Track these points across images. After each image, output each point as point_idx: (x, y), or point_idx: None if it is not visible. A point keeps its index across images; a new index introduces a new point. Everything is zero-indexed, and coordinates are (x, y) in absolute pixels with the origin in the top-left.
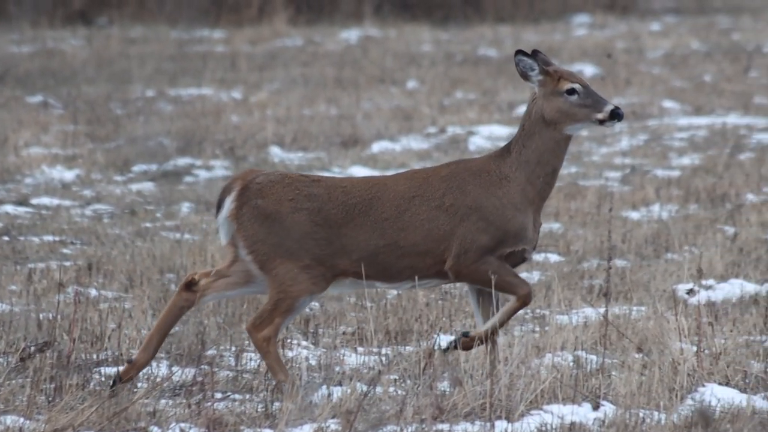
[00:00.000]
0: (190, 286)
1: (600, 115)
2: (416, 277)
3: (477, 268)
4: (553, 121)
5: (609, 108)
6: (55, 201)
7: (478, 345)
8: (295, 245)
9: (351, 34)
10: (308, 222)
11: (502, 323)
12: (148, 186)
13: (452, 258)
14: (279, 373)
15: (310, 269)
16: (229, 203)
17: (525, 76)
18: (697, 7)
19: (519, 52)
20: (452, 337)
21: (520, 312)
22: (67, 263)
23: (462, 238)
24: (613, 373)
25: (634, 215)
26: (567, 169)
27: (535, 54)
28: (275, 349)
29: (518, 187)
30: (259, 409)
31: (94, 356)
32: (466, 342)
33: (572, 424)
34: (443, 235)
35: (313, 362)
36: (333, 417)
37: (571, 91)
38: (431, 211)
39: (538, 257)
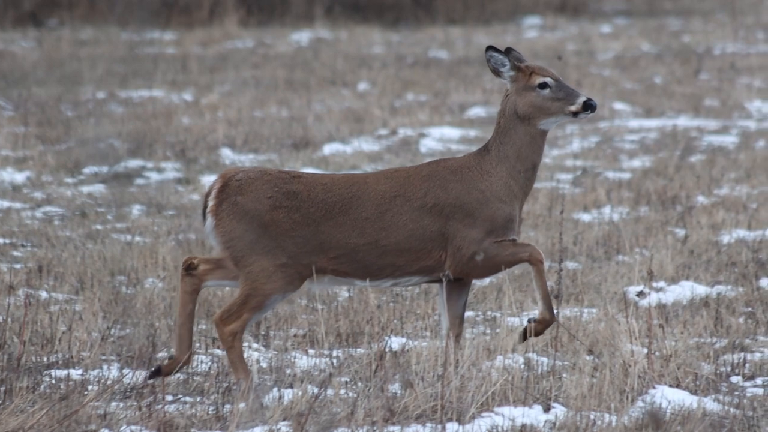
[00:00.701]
0: (189, 269)
1: (573, 107)
2: (398, 275)
3: (476, 261)
4: (527, 115)
5: (582, 100)
6: (6, 203)
7: (545, 329)
8: (272, 243)
9: (302, 36)
10: (287, 220)
11: (546, 293)
12: (98, 188)
13: (449, 258)
14: (239, 371)
15: (286, 268)
16: (209, 200)
17: (496, 72)
18: (647, 9)
19: (490, 48)
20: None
21: (471, 314)
22: (18, 266)
23: (453, 237)
24: (564, 375)
25: (585, 217)
26: None
27: (508, 51)
28: (240, 345)
29: (501, 181)
30: (210, 412)
31: (45, 359)
32: (537, 327)
33: (523, 426)
34: (429, 235)
35: (264, 365)
36: (284, 419)
37: (543, 85)
38: (414, 211)
39: None
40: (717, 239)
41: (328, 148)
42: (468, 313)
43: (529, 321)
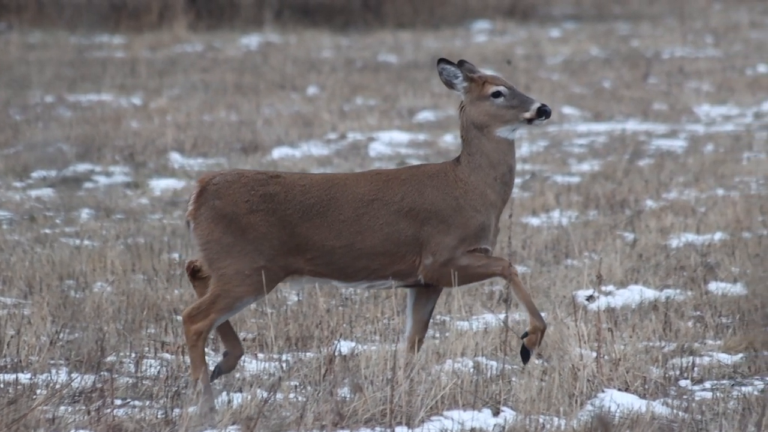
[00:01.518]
0: (195, 274)
1: (527, 114)
2: (372, 278)
3: (448, 269)
4: (483, 125)
5: (536, 106)
6: None
7: (541, 337)
8: (249, 246)
9: (251, 40)
10: (263, 223)
11: (529, 303)
12: (47, 192)
13: (422, 264)
14: (197, 370)
15: (264, 271)
16: (189, 205)
17: (449, 85)
18: (596, 13)
19: (442, 60)
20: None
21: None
22: None
23: (427, 242)
24: (513, 378)
25: (534, 221)
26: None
27: (461, 64)
28: (203, 346)
29: (476, 190)
30: (159, 416)
31: None
32: (532, 338)
33: (472, 430)
34: (404, 239)
35: (213, 368)
36: (233, 423)
37: (497, 94)
38: (390, 215)
39: None
40: (666, 243)
41: (277, 153)
42: None
43: (521, 338)
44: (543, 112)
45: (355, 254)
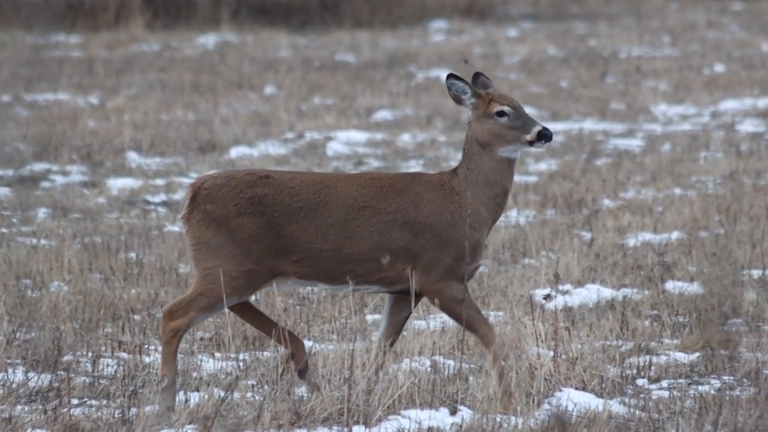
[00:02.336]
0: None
1: (528, 137)
2: (357, 283)
3: (442, 290)
4: (486, 143)
5: (536, 129)
6: None
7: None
8: (237, 249)
9: (208, 39)
10: (251, 225)
11: (499, 377)
12: (4, 191)
13: (418, 274)
14: (166, 367)
15: (251, 273)
16: (183, 209)
17: (458, 100)
18: (553, 13)
19: (451, 75)
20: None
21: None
22: None
23: (420, 255)
24: (471, 378)
25: None
26: None
27: (476, 76)
28: (177, 344)
29: (471, 206)
30: (116, 415)
31: None
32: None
33: (430, 429)
34: (395, 249)
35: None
36: (190, 423)
37: (501, 113)
38: (383, 224)
39: None
40: (623, 242)
41: (235, 152)
42: (375, 317)
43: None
44: (543, 136)
45: (341, 258)
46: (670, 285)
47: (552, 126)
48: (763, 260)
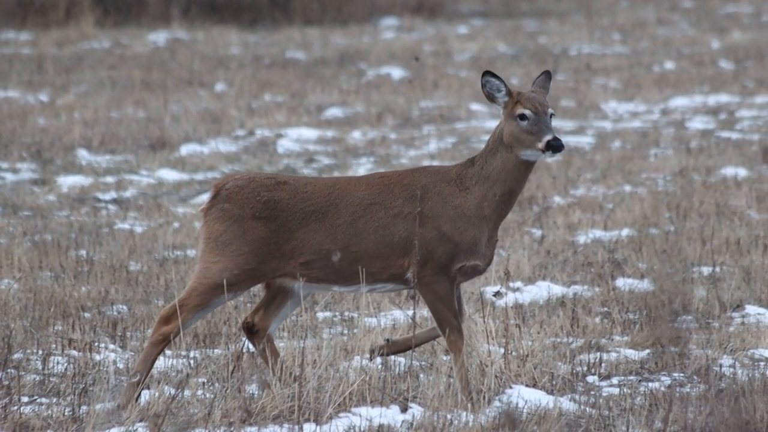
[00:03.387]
0: (251, 330)
1: (540, 145)
2: (371, 282)
3: (431, 285)
4: (508, 143)
5: (546, 139)
6: None
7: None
8: (245, 248)
9: (159, 37)
10: (264, 228)
11: (461, 381)
12: None
13: (418, 266)
14: (142, 365)
15: (250, 272)
16: (205, 203)
17: (491, 98)
18: (503, 10)
19: (487, 73)
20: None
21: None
22: None
23: (420, 246)
24: (421, 375)
25: None
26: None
27: (548, 74)
28: (162, 349)
29: (474, 201)
30: (66, 413)
31: None
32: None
33: (380, 426)
34: (396, 241)
35: (120, 365)
36: (141, 420)
37: (522, 117)
38: (388, 218)
39: None
40: (573, 239)
41: (185, 149)
42: (325, 314)
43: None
44: (550, 146)
45: (351, 257)
46: (621, 282)
47: None
48: (713, 257)
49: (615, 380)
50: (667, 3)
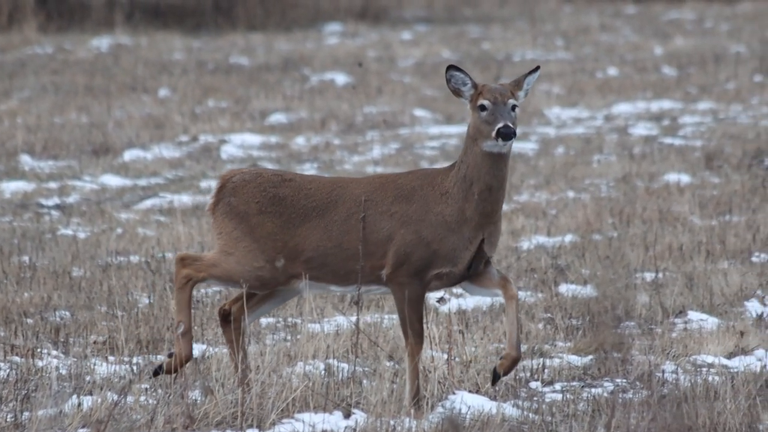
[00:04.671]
0: (226, 317)
1: (493, 133)
2: (365, 282)
3: (403, 286)
4: (473, 136)
5: (497, 126)
6: None
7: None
8: (254, 244)
9: (102, 42)
10: (269, 223)
11: (412, 380)
12: None
13: (390, 266)
14: (181, 314)
15: (259, 270)
16: (210, 198)
17: (457, 92)
18: (447, 16)
19: (451, 67)
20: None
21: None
22: None
23: (397, 246)
24: (365, 381)
25: None
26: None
27: (535, 69)
28: (190, 291)
29: (456, 205)
30: (8, 419)
31: None
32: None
33: None
34: (381, 239)
35: (63, 371)
36: (83, 426)
37: (482, 107)
38: (376, 215)
39: None
40: (517, 245)
41: (129, 155)
42: (269, 320)
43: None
44: (499, 134)
45: (344, 255)
46: (564, 288)
47: (446, 129)
48: (656, 263)
49: (558, 386)
50: (611, 9)
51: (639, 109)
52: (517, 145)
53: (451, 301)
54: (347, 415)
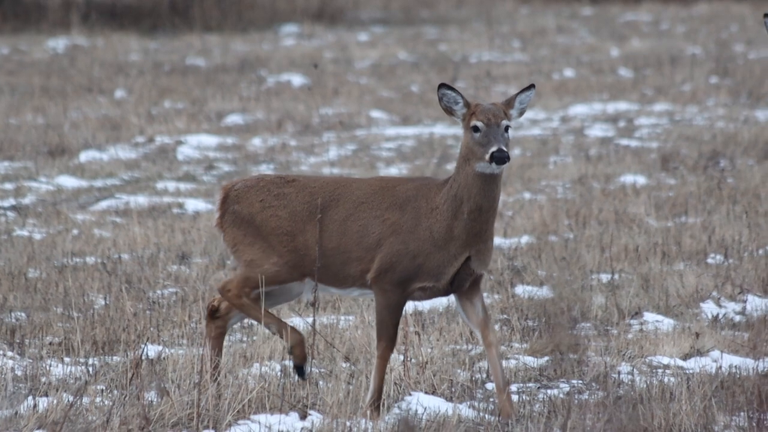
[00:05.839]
0: (213, 314)
1: (486, 156)
2: (359, 285)
3: (386, 293)
4: (465, 156)
5: (491, 150)
6: None
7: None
8: (265, 243)
9: (58, 43)
10: (274, 218)
11: (379, 383)
12: None
13: (374, 271)
14: (266, 319)
15: (275, 267)
16: (215, 213)
17: (449, 111)
18: (404, 17)
19: (443, 85)
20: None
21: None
22: None
23: (384, 254)
24: (321, 382)
25: None
26: None
27: (530, 87)
28: (249, 301)
29: (444, 223)
30: None
31: None
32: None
33: None
34: (371, 243)
35: (18, 372)
36: (39, 428)
37: (475, 129)
38: (370, 219)
39: None
40: None
41: (85, 156)
42: None
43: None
44: (493, 158)
45: (342, 258)
46: (520, 289)
47: (403, 131)
48: (612, 264)
49: (514, 387)
50: (567, 11)
51: (595, 110)
52: None
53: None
54: (303, 416)
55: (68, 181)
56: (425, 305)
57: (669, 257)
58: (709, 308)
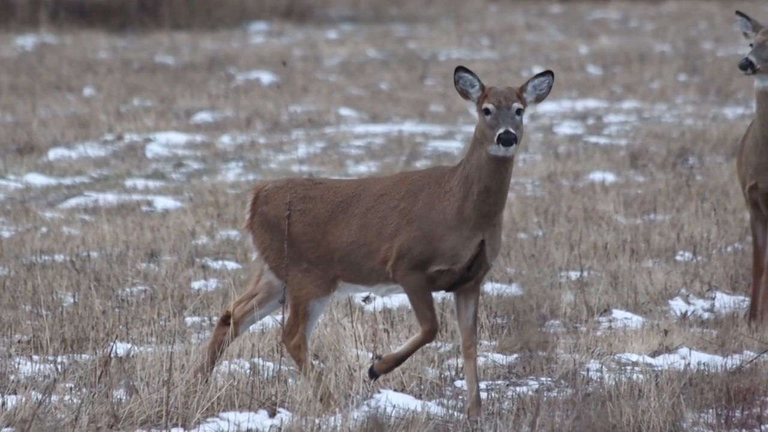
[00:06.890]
0: (226, 320)
1: (495, 139)
2: (385, 280)
3: (406, 277)
4: (479, 139)
5: (498, 132)
6: None
7: (392, 368)
8: (292, 249)
9: (26, 41)
10: (299, 222)
11: (408, 353)
12: None
13: (393, 259)
14: (311, 375)
15: (309, 272)
16: (245, 215)
17: (464, 94)
18: (373, 15)
19: (460, 68)
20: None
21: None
22: None
23: (401, 241)
24: (290, 380)
25: None
26: (245, 177)
27: (548, 74)
28: (306, 356)
29: (456, 204)
30: None
31: None
32: (380, 365)
33: (249, 431)
34: (389, 234)
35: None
36: (7, 426)
37: (487, 111)
38: (388, 210)
39: (215, 265)
40: None
41: (53, 154)
42: (194, 319)
43: (377, 357)
44: (500, 140)
45: (363, 253)
46: (489, 287)
47: (372, 128)
48: (581, 262)
49: (483, 384)
50: (536, 9)
51: (564, 108)
52: (443, 144)
53: (376, 300)
54: (272, 414)
55: (37, 179)
56: (394, 303)
57: (638, 254)
58: (677, 305)
